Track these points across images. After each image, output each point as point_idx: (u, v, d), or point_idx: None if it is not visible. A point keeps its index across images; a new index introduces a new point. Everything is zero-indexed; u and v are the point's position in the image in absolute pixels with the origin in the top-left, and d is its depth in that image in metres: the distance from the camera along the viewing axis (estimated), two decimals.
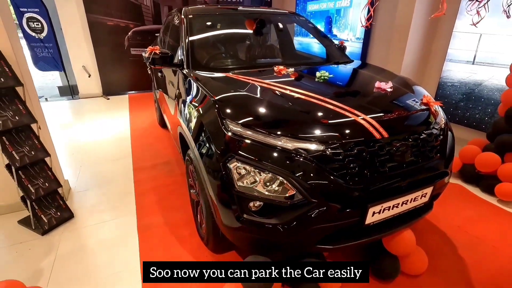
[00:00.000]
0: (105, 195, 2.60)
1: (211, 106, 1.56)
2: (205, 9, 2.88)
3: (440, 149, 1.57)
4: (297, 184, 1.28)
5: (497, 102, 3.14)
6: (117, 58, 5.93)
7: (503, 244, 2.01)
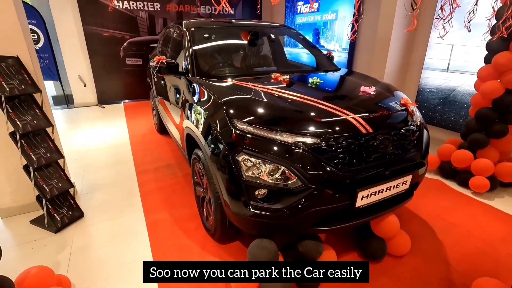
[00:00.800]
0: (111, 196, 2.74)
1: (219, 108, 1.78)
2: (204, 22, 3.12)
3: (416, 143, 1.83)
4: (297, 172, 1.50)
5: (469, 105, 3.48)
6: (112, 68, 6.08)
7: (475, 229, 2.28)
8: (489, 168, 2.73)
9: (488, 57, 2.76)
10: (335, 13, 5.19)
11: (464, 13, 2.23)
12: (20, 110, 2.02)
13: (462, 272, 1.85)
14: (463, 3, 2.93)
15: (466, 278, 1.80)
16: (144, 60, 6.24)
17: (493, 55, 2.64)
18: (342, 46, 5.18)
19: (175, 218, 2.37)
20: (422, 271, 1.87)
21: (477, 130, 2.90)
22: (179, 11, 6.30)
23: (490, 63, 2.69)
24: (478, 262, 1.95)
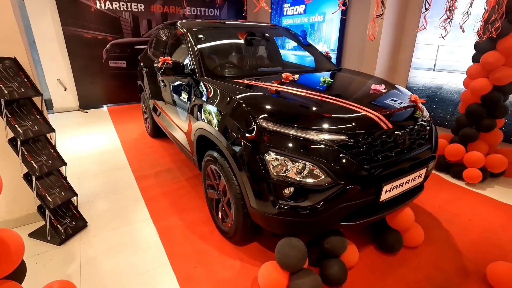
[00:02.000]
0: (113, 203, 2.61)
1: (240, 107, 1.76)
2: (202, 23, 3.08)
3: (428, 138, 1.92)
4: (326, 169, 1.51)
5: (455, 102, 3.70)
6: (95, 71, 5.82)
7: (475, 217, 2.42)
8: (480, 160, 2.91)
9: (476, 56, 2.95)
10: (323, 15, 5.32)
11: (459, 15, 2.39)
12: (19, 115, 1.88)
13: (473, 259, 1.96)
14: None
15: (478, 264, 1.90)
16: (128, 63, 6.03)
17: (481, 54, 2.83)
18: (330, 47, 5.31)
19: (186, 223, 2.31)
20: (438, 260, 1.95)
21: (467, 125, 3.08)
22: (164, 12, 6.16)
23: (478, 62, 2.88)
24: (485, 248, 2.07)
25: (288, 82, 2.14)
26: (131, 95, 6.03)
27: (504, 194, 2.78)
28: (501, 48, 2.67)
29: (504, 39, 2.61)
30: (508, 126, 3.23)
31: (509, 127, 3.24)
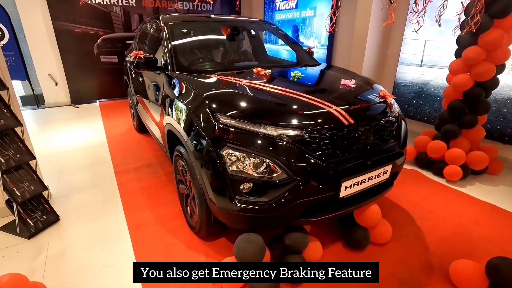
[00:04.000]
0: (89, 198, 2.62)
1: (201, 102, 1.74)
2: (183, 17, 3.05)
3: (395, 134, 1.89)
4: (282, 165, 1.50)
5: (442, 98, 3.64)
6: (86, 66, 5.83)
7: (451, 214, 2.39)
8: (461, 157, 2.88)
9: (458, 51, 2.90)
10: (314, 10, 5.25)
11: (436, 9, 2.34)
12: None
13: (440, 255, 1.94)
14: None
15: (444, 261, 1.88)
16: (120, 58, 6.02)
17: (463, 49, 2.78)
18: (321, 42, 5.26)
19: (158, 218, 2.31)
20: (404, 256, 1.93)
21: (449, 122, 3.04)
22: (155, 7, 6.13)
23: (460, 57, 2.83)
24: (454, 245, 2.05)
25: (259, 77, 2.12)
26: (122, 91, 5.98)
27: (484, 192, 2.75)
28: (482, 43, 2.61)
29: (485, 33, 2.56)
30: (493, 123, 3.18)
31: (494, 124, 3.19)
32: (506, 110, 3.12)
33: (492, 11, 2.48)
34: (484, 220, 2.31)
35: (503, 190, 2.80)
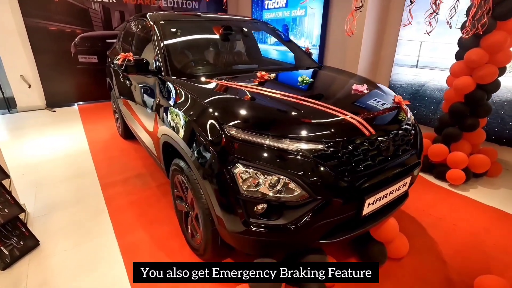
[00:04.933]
0: (72, 216, 2.35)
1: (206, 112, 1.55)
2: (173, 15, 2.82)
3: (413, 142, 1.78)
4: (302, 183, 1.33)
5: (438, 100, 3.63)
6: (62, 66, 5.41)
7: (460, 221, 2.33)
8: (464, 160, 2.84)
9: (459, 53, 2.86)
10: (304, 8, 5.13)
11: (446, 11, 2.26)
12: None
13: (459, 269, 1.85)
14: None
15: (463, 275, 1.80)
16: (100, 58, 5.64)
17: (464, 51, 2.73)
18: (312, 42, 5.14)
19: (154, 238, 2.09)
20: (422, 272, 1.83)
21: (450, 124, 3.00)
22: (138, 4, 5.79)
23: (461, 59, 2.78)
24: (470, 256, 1.97)
25: (263, 82, 1.94)
26: (103, 93, 5.59)
27: (487, 195, 2.72)
28: (485, 45, 2.57)
29: (488, 35, 2.52)
30: (490, 125, 3.18)
31: (491, 125, 3.19)
32: (503, 112, 3.12)
33: (495, 13, 2.43)
34: (494, 228, 2.26)
35: (504, 193, 2.79)
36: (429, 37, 3.49)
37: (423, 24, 3.24)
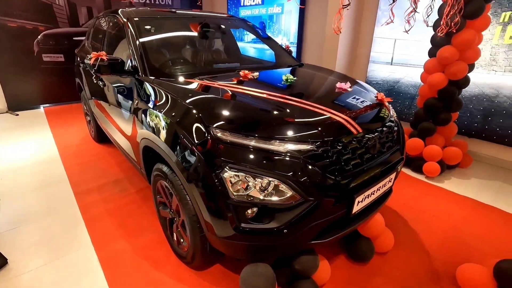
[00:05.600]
0: (44, 230, 2.17)
1: (191, 114, 1.47)
2: (147, 11, 2.68)
3: (397, 139, 1.82)
4: (293, 185, 1.30)
5: (412, 96, 3.77)
6: (25, 66, 5.01)
7: (439, 213, 2.43)
8: (438, 153, 2.97)
9: (432, 50, 2.97)
10: (281, 6, 5.12)
11: (404, 10, 2.31)
12: None
13: (442, 260, 1.92)
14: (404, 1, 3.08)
15: (447, 266, 1.87)
16: (67, 56, 5.29)
17: (437, 49, 2.84)
18: (290, 40, 5.15)
19: (137, 247, 1.98)
20: (409, 264, 1.88)
21: (425, 119, 3.12)
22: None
23: (434, 57, 2.89)
24: (452, 247, 2.06)
25: (246, 81, 1.89)
26: (72, 94, 5.27)
27: (460, 185, 2.87)
28: (455, 43, 2.69)
29: (459, 33, 2.63)
30: (460, 119, 3.35)
31: (461, 119, 3.36)
32: (472, 106, 3.30)
33: (465, 12, 2.55)
34: (470, 217, 2.38)
35: (476, 182, 2.95)
36: (402, 35, 3.61)
37: (398, 22, 3.34)
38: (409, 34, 2.70)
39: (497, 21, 2.96)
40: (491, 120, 3.19)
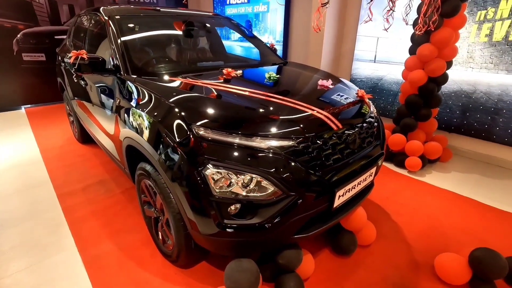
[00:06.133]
0: (26, 233, 2.12)
1: (172, 112, 1.47)
2: (129, 9, 2.64)
3: (377, 134, 1.87)
4: (275, 180, 1.33)
5: (395, 93, 3.86)
6: (4, 66, 4.87)
7: (420, 206, 2.51)
8: (420, 148, 3.06)
9: (412, 48, 3.05)
10: (267, 4, 5.14)
11: (383, 8, 2.37)
12: None
13: (422, 250, 1.99)
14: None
15: (427, 256, 1.94)
16: (48, 56, 5.16)
17: (417, 46, 2.92)
18: (276, 38, 5.18)
19: (122, 248, 1.97)
20: (390, 257, 1.94)
21: (407, 115, 3.21)
22: None
23: (414, 54, 2.98)
24: (431, 237, 2.13)
25: (229, 79, 1.90)
26: (54, 94, 5.17)
27: (441, 179, 2.97)
28: (434, 41, 2.77)
29: (437, 31, 2.71)
30: (440, 114, 3.45)
31: (441, 115, 3.47)
32: (451, 102, 3.41)
33: (442, 11, 2.63)
34: (450, 209, 2.47)
35: (456, 176, 3.06)
36: (385, 33, 3.69)
37: (380, 20, 3.41)
38: (391, 32, 2.79)
39: (473, 19, 3.07)
40: (469, 115, 3.31)
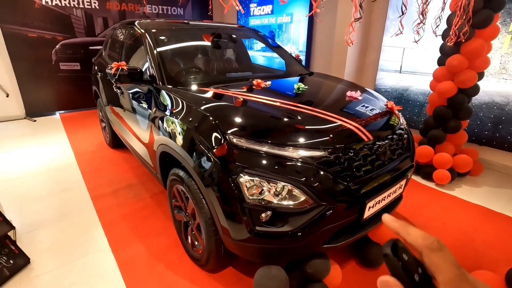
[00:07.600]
0: (63, 231, 2.25)
1: (208, 121, 1.55)
2: (163, 23, 2.79)
3: (407, 146, 1.85)
4: (306, 190, 1.36)
5: (421, 104, 3.79)
6: (43, 74, 5.21)
7: (449, 220, 2.43)
8: (448, 161, 2.97)
9: (441, 59, 3.01)
10: (290, 16, 5.23)
11: (412, 20, 2.37)
12: None
13: None
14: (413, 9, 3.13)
15: None
16: (82, 65, 5.49)
17: (446, 57, 2.87)
18: (299, 48, 5.24)
19: (152, 251, 2.04)
20: None
21: (435, 127, 3.14)
22: (121, 10, 5.69)
23: (443, 65, 2.93)
24: (462, 254, 2.06)
25: (259, 90, 1.97)
26: (87, 100, 5.49)
27: (472, 194, 2.86)
28: (464, 52, 2.72)
29: (468, 42, 2.67)
30: (470, 127, 3.35)
31: (471, 127, 3.36)
32: (482, 114, 3.31)
33: (474, 22, 2.59)
34: (480, 225, 2.38)
35: (487, 190, 2.94)
36: (410, 43, 3.66)
37: (406, 31, 3.39)
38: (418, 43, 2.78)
39: (506, 30, 2.99)
40: (502, 128, 3.19)
